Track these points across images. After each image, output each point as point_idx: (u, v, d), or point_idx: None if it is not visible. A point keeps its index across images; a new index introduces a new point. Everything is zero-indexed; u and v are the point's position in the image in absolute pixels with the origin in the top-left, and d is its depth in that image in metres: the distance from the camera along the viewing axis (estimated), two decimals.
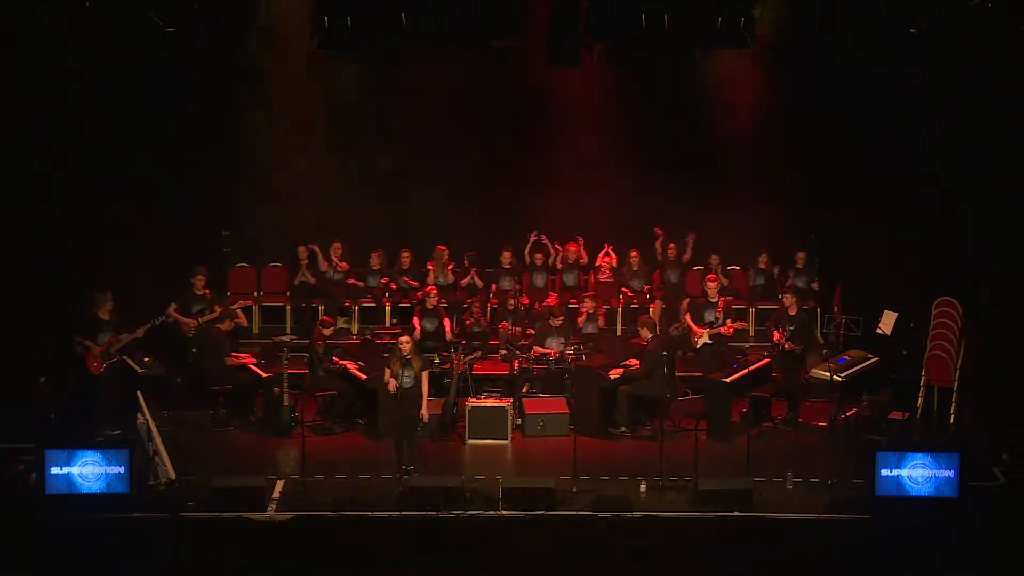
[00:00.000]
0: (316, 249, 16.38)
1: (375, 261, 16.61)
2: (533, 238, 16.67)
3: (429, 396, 12.73)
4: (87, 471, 11.56)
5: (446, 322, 15.38)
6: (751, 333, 16.47)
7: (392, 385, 12.34)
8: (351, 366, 14.09)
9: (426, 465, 12.69)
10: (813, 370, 14.15)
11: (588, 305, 15.43)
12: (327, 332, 14.16)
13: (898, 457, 11.61)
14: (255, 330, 16.74)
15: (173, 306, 14.76)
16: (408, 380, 12.41)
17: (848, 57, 15.26)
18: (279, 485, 12.21)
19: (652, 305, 16.46)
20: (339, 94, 16.76)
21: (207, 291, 15.09)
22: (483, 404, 13.78)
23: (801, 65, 15.87)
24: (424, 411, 12.60)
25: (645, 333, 13.95)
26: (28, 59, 14.25)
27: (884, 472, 11.58)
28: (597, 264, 16.67)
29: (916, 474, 11.58)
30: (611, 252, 16.62)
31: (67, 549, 10.91)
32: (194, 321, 14.63)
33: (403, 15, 14.49)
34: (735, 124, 16.61)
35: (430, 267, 16.52)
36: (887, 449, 11.79)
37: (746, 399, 13.92)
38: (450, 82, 16.58)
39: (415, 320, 15.29)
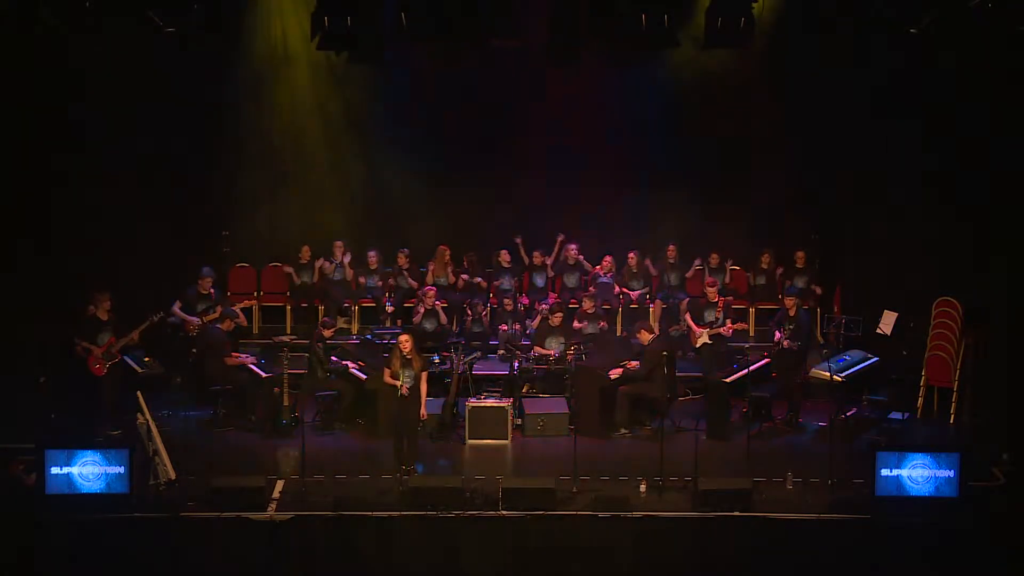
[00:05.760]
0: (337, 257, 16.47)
1: (372, 261, 16.63)
2: (518, 241, 16.72)
3: (428, 396, 12.74)
4: (87, 471, 11.56)
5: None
6: (751, 333, 16.48)
7: (402, 387, 12.30)
8: (351, 366, 14.09)
9: (426, 465, 12.71)
10: (813, 370, 14.14)
11: (587, 305, 15.46)
12: (327, 333, 14.17)
13: (898, 457, 11.60)
14: (255, 330, 16.75)
15: (178, 304, 14.80)
16: (408, 380, 12.41)
17: (848, 57, 15.25)
18: (279, 485, 12.21)
19: (651, 306, 16.47)
20: (339, 94, 16.76)
21: (212, 291, 15.11)
22: (483, 404, 13.78)
23: (801, 65, 15.87)
24: (423, 410, 12.59)
25: (643, 336, 13.94)
26: (28, 59, 14.25)
27: (884, 472, 11.57)
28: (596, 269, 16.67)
29: (916, 474, 11.58)
30: (611, 262, 16.61)
31: (67, 549, 10.92)
32: (198, 320, 14.67)
33: (403, 15, 14.49)
34: (735, 124, 16.63)
35: (431, 266, 16.54)
36: (887, 449, 11.78)
37: (746, 399, 13.93)
38: (450, 82, 16.59)
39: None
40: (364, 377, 13.92)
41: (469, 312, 15.89)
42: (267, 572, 10.96)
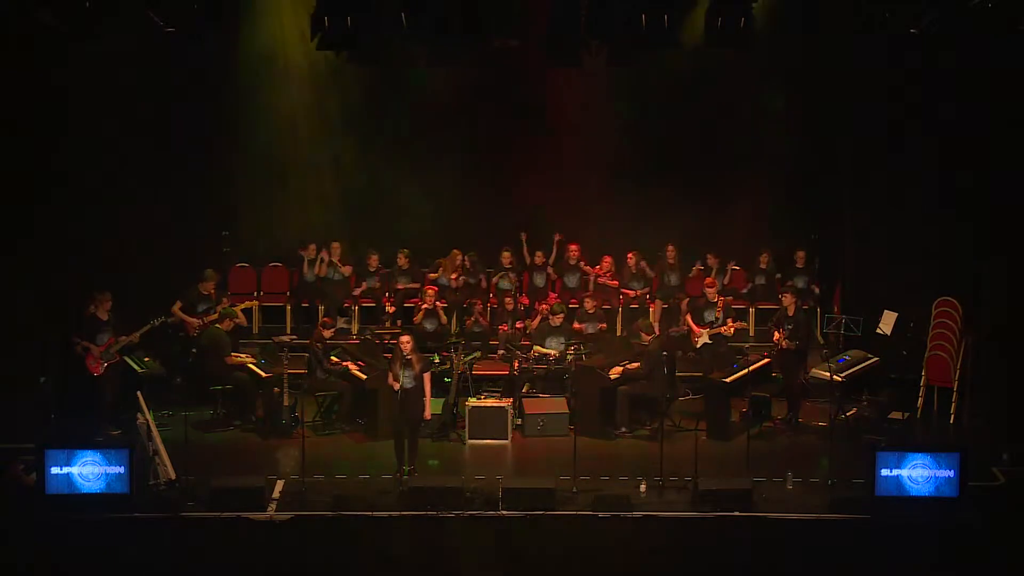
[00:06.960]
0: (325, 257, 16.41)
1: (372, 263, 16.63)
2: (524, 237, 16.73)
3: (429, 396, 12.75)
4: (87, 471, 11.56)
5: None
6: (751, 333, 16.47)
7: (395, 385, 12.31)
8: (351, 366, 14.09)
9: (426, 465, 12.71)
10: (813, 370, 14.15)
11: (588, 305, 15.46)
12: (327, 333, 14.17)
13: (898, 457, 11.61)
14: (255, 330, 16.75)
15: (178, 304, 14.80)
16: (408, 380, 12.40)
17: (848, 56, 15.25)
18: (279, 485, 12.21)
19: (651, 306, 16.46)
20: (339, 94, 16.75)
21: (212, 292, 15.12)
22: (483, 404, 13.78)
23: (801, 64, 15.87)
24: (427, 412, 12.58)
25: (643, 336, 13.95)
26: (28, 59, 14.24)
27: (884, 472, 11.58)
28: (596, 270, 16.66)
29: (916, 474, 11.58)
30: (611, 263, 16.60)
31: (67, 549, 10.92)
32: (198, 321, 14.67)
33: (403, 15, 14.50)
34: (735, 123, 16.62)
35: (440, 264, 16.53)
36: (887, 449, 11.79)
37: (746, 399, 13.93)
38: (450, 82, 16.58)
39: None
40: (364, 377, 13.92)
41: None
42: (267, 572, 10.95)
